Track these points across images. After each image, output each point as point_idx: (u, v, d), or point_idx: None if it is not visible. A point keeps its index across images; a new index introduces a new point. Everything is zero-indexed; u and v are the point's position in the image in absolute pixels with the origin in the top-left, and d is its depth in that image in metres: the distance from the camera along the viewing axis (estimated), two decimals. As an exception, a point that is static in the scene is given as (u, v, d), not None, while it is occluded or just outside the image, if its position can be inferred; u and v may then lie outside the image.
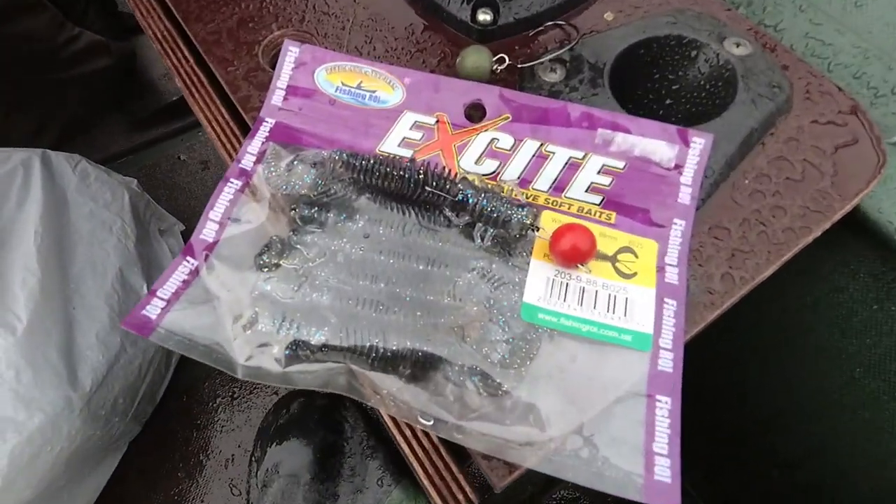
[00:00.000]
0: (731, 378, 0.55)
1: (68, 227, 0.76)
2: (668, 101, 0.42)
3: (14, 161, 0.73)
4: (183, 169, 1.05)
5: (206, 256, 0.32)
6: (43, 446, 0.64)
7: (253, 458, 0.58)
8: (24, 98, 0.94)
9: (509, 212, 0.32)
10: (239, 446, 0.83)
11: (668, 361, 0.31)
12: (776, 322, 0.50)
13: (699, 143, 0.35)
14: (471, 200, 0.32)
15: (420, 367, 0.30)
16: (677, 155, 0.35)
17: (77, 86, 0.99)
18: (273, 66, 0.40)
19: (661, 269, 0.33)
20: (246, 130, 0.38)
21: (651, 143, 0.35)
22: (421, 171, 0.33)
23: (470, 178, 0.33)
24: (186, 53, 0.43)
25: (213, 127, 0.40)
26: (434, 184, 0.33)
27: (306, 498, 0.54)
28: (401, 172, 0.33)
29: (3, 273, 0.66)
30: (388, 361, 0.30)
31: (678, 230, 0.34)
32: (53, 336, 0.68)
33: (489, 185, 0.34)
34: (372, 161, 0.33)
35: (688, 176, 0.35)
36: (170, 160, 1.05)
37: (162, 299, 0.30)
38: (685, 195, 0.35)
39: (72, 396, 0.67)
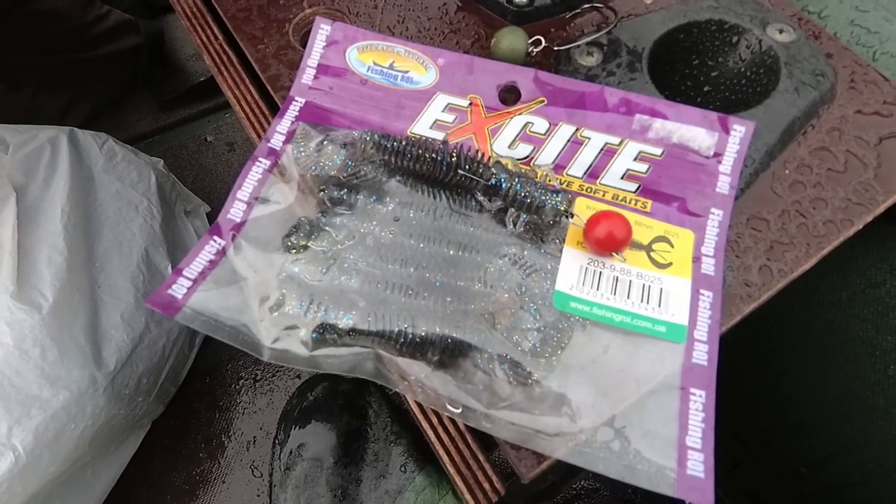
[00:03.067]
0: (761, 373, 0.54)
1: (95, 206, 0.76)
2: (706, 88, 0.41)
3: (41, 139, 0.73)
4: (209, 150, 1.05)
5: (234, 237, 0.32)
6: (67, 424, 0.65)
7: (276, 441, 0.58)
8: (52, 77, 0.94)
9: (543, 197, 0.31)
10: (261, 428, 0.83)
11: (703, 354, 0.30)
12: (809, 317, 0.49)
13: (740, 130, 0.34)
14: (504, 185, 0.32)
15: (449, 353, 0.29)
16: (717, 143, 0.34)
17: (105, 65, 0.98)
18: (304, 45, 0.39)
19: (697, 260, 0.32)
20: (275, 110, 0.38)
21: (690, 130, 0.34)
22: (453, 154, 0.32)
23: (503, 162, 0.33)
24: (216, 31, 0.43)
25: (241, 106, 0.40)
26: (466, 167, 0.32)
27: (329, 482, 0.54)
28: (433, 155, 0.32)
29: (30, 251, 0.66)
30: (417, 347, 0.29)
31: (715, 220, 0.33)
32: (79, 315, 0.68)
33: (523, 170, 0.33)
34: (403, 143, 0.33)
35: (727, 165, 0.34)
36: (196, 141, 1.05)
37: (188, 279, 0.30)
38: (724, 184, 0.34)
39: (96, 375, 0.68)
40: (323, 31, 0.38)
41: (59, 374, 0.64)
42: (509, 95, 0.37)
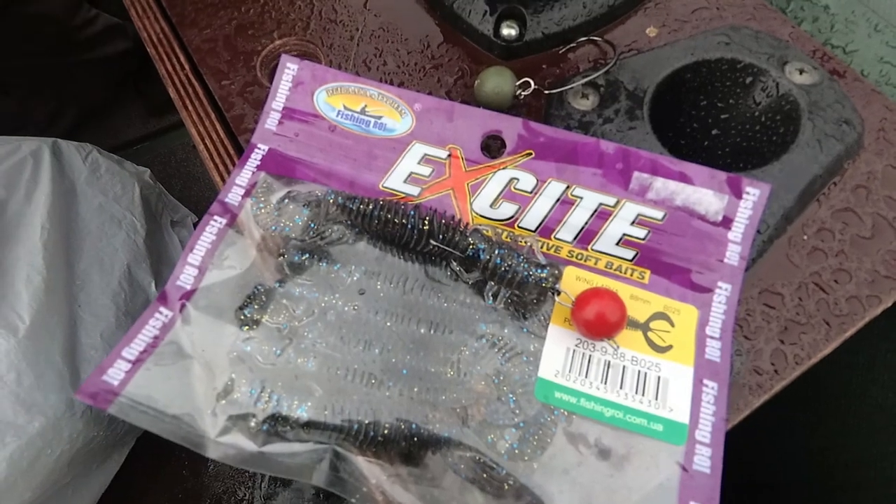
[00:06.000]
0: (769, 429, 0.51)
1: (76, 221, 0.73)
2: (714, 132, 0.37)
3: (24, 151, 0.70)
4: (199, 157, 1.02)
5: (182, 306, 0.28)
6: (43, 449, 0.62)
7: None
8: (40, 82, 0.91)
9: (526, 273, 0.28)
10: (246, 450, 0.81)
11: (706, 459, 0.26)
12: (824, 377, 0.45)
13: (753, 194, 0.30)
14: (483, 256, 0.28)
15: (416, 451, 0.26)
16: (726, 207, 0.30)
17: (94, 69, 0.96)
18: (272, 81, 0.35)
19: (700, 342, 0.29)
20: (242, 151, 0.34)
21: (696, 192, 0.31)
22: (426, 221, 0.28)
23: (482, 230, 0.29)
24: (182, 60, 0.39)
25: (205, 144, 0.36)
26: (441, 236, 0.28)
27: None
28: (403, 220, 0.29)
29: (7, 270, 0.63)
30: (379, 446, 0.26)
31: (723, 295, 0.30)
32: (57, 336, 0.65)
33: (504, 238, 0.29)
34: (371, 206, 0.29)
35: (737, 232, 0.30)
36: (185, 148, 1.02)
37: (127, 360, 0.27)
38: (733, 255, 0.30)
39: (74, 399, 0.65)
40: (289, 70, 0.34)
41: (34, 400, 0.62)
42: (493, 143, 0.33)
